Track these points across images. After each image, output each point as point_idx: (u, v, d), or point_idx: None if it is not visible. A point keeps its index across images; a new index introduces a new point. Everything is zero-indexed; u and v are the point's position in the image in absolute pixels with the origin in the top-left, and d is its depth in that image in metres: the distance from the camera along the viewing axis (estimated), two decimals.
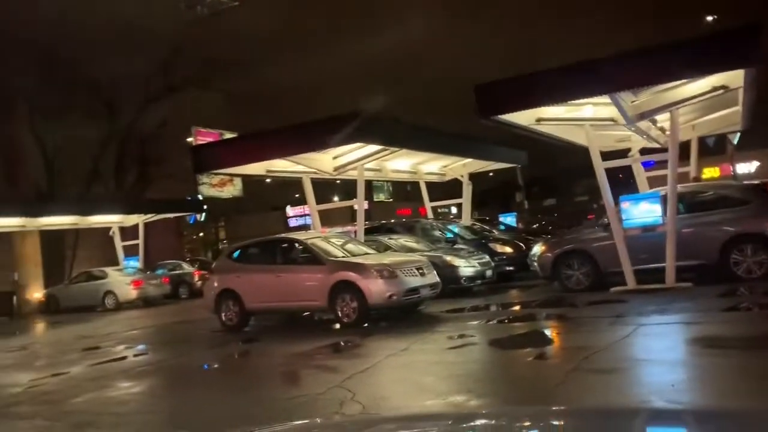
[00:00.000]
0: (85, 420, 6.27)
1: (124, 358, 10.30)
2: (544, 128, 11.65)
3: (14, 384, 8.67)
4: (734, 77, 9.53)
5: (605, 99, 9.98)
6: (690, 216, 10.85)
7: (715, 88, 9.87)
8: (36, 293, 23.37)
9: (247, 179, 36.19)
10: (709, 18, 27.05)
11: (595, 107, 10.70)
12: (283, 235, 14.19)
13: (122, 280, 20.71)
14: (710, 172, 30.65)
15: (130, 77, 29.16)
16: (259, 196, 45.27)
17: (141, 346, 11.97)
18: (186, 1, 28.51)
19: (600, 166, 11.02)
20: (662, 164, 12.38)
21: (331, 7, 37.73)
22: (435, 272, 11.13)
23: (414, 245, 13.72)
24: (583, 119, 11.01)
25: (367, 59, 39.51)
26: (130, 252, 22.88)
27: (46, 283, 23.92)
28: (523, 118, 10.87)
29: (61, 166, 29.09)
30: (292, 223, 45.87)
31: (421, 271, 10.71)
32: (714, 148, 27.38)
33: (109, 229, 22.94)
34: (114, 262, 22.99)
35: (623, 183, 16.02)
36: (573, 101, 10.46)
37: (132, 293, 20.37)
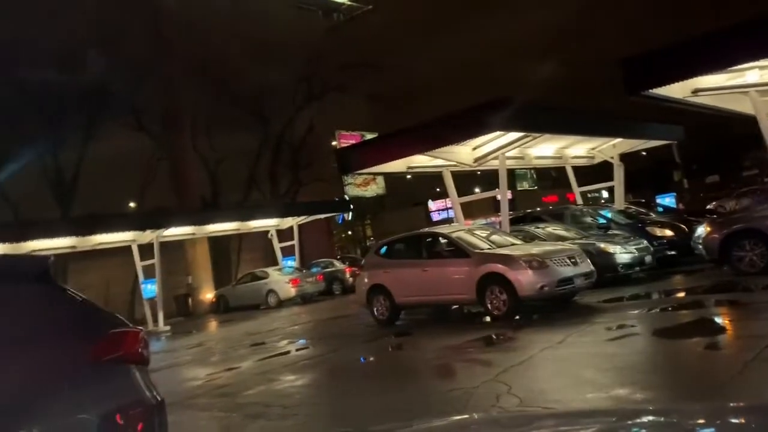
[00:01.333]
0: (257, 411, 6.74)
1: (287, 352, 10.94)
2: (701, 100, 10.71)
3: (194, 378, 9.54)
4: None
5: None
6: None
7: None
8: (208, 294, 25.54)
9: (389, 177, 37.04)
10: None
11: (763, 71, 9.66)
12: (427, 229, 14.32)
13: (282, 279, 22.04)
14: None
15: (277, 88, 30.89)
16: (401, 192, 46.11)
17: (302, 341, 12.64)
18: (323, 9, 29.69)
19: None
20: None
21: None
22: (588, 261, 10.67)
23: (564, 233, 13.23)
24: (748, 85, 9.98)
25: (506, 42, 38.69)
26: (287, 252, 24.29)
27: (216, 285, 26.06)
28: (677, 90, 10.06)
29: (222, 176, 31.53)
30: (435, 217, 46.22)
31: (573, 260, 10.30)
32: None
33: (267, 232, 24.50)
34: (273, 262, 24.55)
35: None
36: (736, 67, 9.52)
37: (291, 291, 21.62)
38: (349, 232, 51.71)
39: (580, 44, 41.21)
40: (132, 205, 31.25)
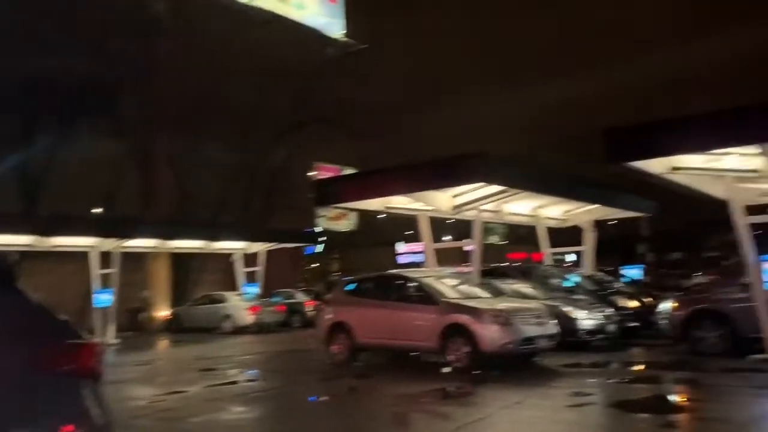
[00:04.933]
0: None
1: (236, 382, 10.60)
2: (678, 177, 10.92)
3: (138, 397, 9.14)
4: None
5: (753, 149, 9.24)
6: None
7: None
8: (163, 311, 24.84)
9: (362, 214, 36.95)
10: None
11: (741, 158, 9.91)
12: (398, 271, 14.21)
13: (240, 305, 21.56)
14: None
15: (262, 111, 30.85)
16: (372, 231, 46.06)
17: (254, 372, 12.29)
18: (317, 41, 29.97)
19: (742, 221, 10.18)
20: None
21: (458, 58, 38.32)
22: (553, 322, 10.65)
23: (530, 292, 13.23)
24: (725, 170, 10.22)
25: (500, 106, 39.58)
26: (250, 278, 23.82)
27: (173, 302, 25.38)
28: (656, 165, 10.26)
29: (193, 192, 31.07)
30: (402, 260, 46.12)
31: (539, 319, 10.28)
32: None
33: (231, 254, 24.07)
34: (234, 286, 24.05)
35: (762, 240, 14.69)
36: (715, 151, 9.77)
37: (248, 318, 21.12)
38: (316, 265, 51.26)
39: (569, 109, 42.32)
40: (97, 210, 30.53)
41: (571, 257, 26.44)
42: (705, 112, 9.41)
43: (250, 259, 24.02)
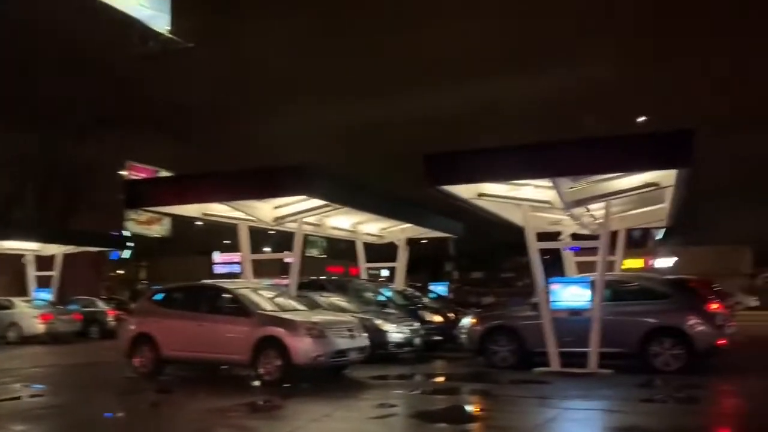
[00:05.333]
0: None
1: (20, 398, 9.52)
2: (484, 203, 11.90)
3: None
4: (666, 176, 10.06)
5: (546, 182, 10.34)
6: (615, 304, 11.13)
7: (647, 184, 10.39)
8: None
9: (177, 220, 35.24)
10: (641, 119, 28.92)
11: (536, 189, 11.04)
12: (211, 281, 13.73)
13: (29, 312, 19.38)
14: (633, 263, 31.99)
15: (73, 101, 28.32)
16: (187, 238, 44.11)
17: (40, 386, 11.10)
18: (139, 34, 28.19)
19: (534, 247, 11.31)
20: (588, 251, 12.82)
21: (290, 66, 38.17)
22: (364, 335, 10.95)
23: (344, 305, 13.50)
24: (523, 199, 11.32)
25: (329, 119, 39.88)
26: (44, 283, 21.57)
27: None
28: (466, 191, 11.09)
29: None
30: (218, 269, 44.63)
31: (351, 333, 10.51)
32: (639, 241, 28.72)
33: (22, 256, 21.65)
34: (25, 291, 21.59)
35: (548, 265, 16.48)
36: (515, 181, 10.78)
37: (39, 327, 19.04)
38: (121, 272, 47.77)
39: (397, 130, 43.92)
40: None
41: (385, 272, 27.45)
42: (508, 146, 10.39)
43: (46, 262, 21.78)
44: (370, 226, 17.56)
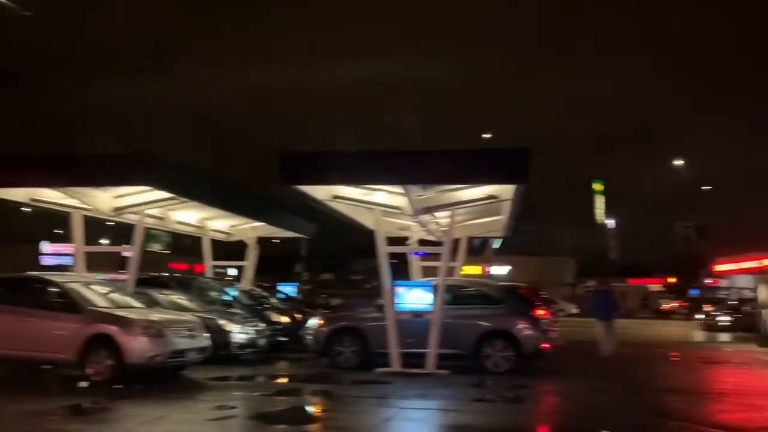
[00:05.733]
0: None
1: None
2: (338, 206, 12.02)
3: None
4: (505, 190, 10.80)
5: (398, 189, 10.67)
6: (454, 308, 11.76)
7: (489, 197, 11.08)
8: None
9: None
10: (486, 135, 30.79)
11: (388, 195, 11.35)
12: (37, 273, 12.55)
13: None
14: (471, 270, 33.92)
15: None
16: (10, 225, 39.97)
17: None
18: None
19: (384, 250, 11.61)
20: (433, 256, 13.43)
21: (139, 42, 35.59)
22: (205, 335, 10.59)
23: (186, 304, 12.93)
24: (375, 204, 11.58)
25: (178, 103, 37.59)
26: None
27: None
28: (321, 192, 11.14)
29: None
30: (46, 261, 40.86)
31: (191, 332, 10.13)
32: (478, 249, 30.52)
33: None
34: None
35: (395, 268, 17.01)
36: (367, 186, 11.01)
37: None
38: None
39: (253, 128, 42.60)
40: None
41: (233, 271, 26.79)
42: (364, 150, 10.59)
43: None
44: (219, 223, 17.03)
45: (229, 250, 19.51)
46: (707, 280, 42.14)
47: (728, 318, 25.19)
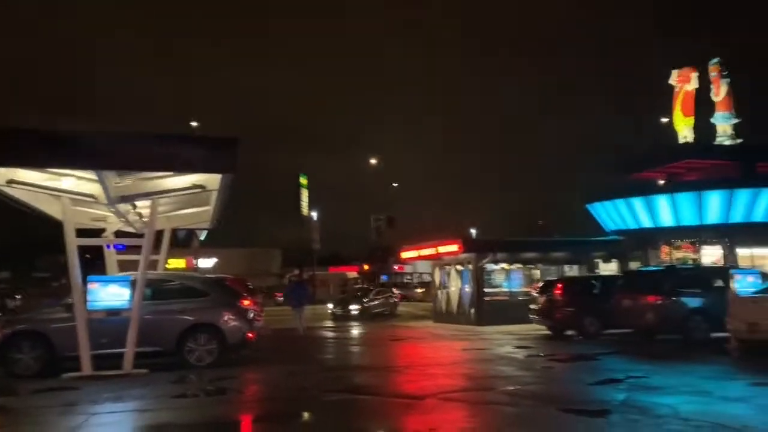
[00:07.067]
0: None
1: None
2: (14, 192, 10.43)
3: None
4: (212, 180, 10.56)
5: (90, 174, 9.71)
6: (155, 303, 11.26)
7: (194, 186, 10.72)
8: None
9: None
10: (194, 123, 29.83)
11: (78, 181, 10.25)
12: None
13: None
14: (176, 263, 32.71)
15: None
16: None
17: None
18: None
19: (73, 243, 10.49)
20: (134, 249, 12.61)
21: None
22: None
23: None
24: (62, 191, 10.36)
25: None
26: None
27: None
28: None
29: None
30: None
31: None
32: (183, 241, 29.49)
33: None
34: None
35: (90, 263, 15.59)
36: (54, 170, 9.81)
37: None
38: None
39: None
40: None
41: None
42: (43, 130, 9.37)
43: None
44: None
45: None
46: (395, 267, 47.05)
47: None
